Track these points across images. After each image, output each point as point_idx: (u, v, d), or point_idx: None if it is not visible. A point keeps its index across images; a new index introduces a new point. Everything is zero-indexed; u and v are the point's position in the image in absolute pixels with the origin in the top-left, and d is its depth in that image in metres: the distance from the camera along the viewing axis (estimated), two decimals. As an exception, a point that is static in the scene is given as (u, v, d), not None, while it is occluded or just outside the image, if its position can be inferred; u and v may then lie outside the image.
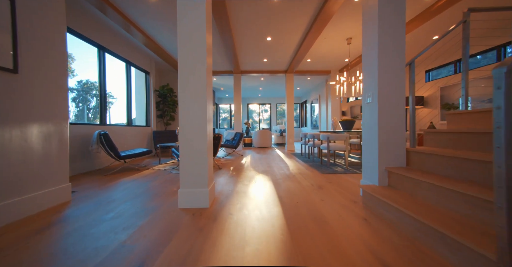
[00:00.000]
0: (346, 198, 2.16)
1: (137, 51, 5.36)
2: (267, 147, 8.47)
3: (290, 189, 2.53)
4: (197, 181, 1.93)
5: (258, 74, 7.60)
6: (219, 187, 2.65)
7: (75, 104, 4.29)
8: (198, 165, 1.93)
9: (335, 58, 6.15)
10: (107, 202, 2.07)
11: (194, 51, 1.92)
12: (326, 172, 3.48)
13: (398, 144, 1.94)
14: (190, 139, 1.92)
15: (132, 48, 5.14)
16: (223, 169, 3.90)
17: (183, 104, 1.93)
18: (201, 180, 1.93)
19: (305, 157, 5.42)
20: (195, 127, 1.93)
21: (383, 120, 1.94)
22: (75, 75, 4.27)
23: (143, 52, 5.60)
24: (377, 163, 1.95)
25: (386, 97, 1.94)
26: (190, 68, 1.92)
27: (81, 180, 3.04)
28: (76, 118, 4.46)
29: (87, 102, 4.54)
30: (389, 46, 1.94)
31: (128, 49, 4.98)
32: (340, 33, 4.57)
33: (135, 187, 2.66)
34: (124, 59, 4.87)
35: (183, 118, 1.93)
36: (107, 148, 3.41)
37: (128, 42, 4.92)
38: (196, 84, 1.93)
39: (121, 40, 4.69)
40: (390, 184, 1.93)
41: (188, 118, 1.93)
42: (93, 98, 4.50)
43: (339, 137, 3.84)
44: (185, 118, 1.93)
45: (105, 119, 4.22)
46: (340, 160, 4.81)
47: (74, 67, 4.17)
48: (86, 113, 4.47)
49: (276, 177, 3.20)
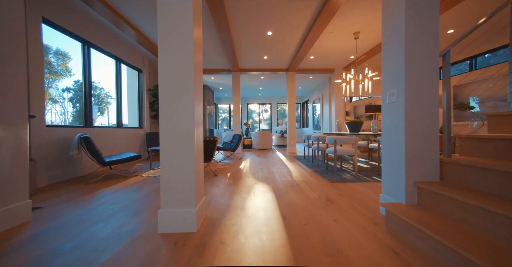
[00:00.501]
0: (364, 216, 1.79)
1: (129, 47, 5.00)
2: (268, 149, 8.11)
3: (295, 202, 2.17)
4: (183, 198, 1.57)
5: (258, 73, 7.24)
6: (213, 200, 2.29)
7: (72, 105, 4.08)
8: (183, 179, 1.57)
9: (340, 55, 5.78)
10: (75, 223, 1.71)
11: (178, 47, 1.56)
12: (333, 179, 3.12)
13: (430, 153, 1.58)
14: (172, 146, 1.56)
15: (123, 44, 4.78)
16: (219, 175, 3.54)
17: (164, 105, 1.57)
18: (187, 197, 1.57)
19: (308, 160, 5.05)
20: (180, 132, 1.56)
21: (412, 124, 1.58)
22: (72, 75, 4.00)
23: (136, 49, 5.24)
24: (403, 176, 1.59)
25: (415, 95, 1.57)
26: (172, 66, 1.56)
27: (57, 190, 2.67)
28: (74, 119, 4.28)
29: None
30: (419, 31, 1.57)
31: (118, 45, 4.62)
32: (346, 27, 4.20)
33: (116, 199, 2.30)
34: (113, 55, 4.50)
35: (164, 122, 1.56)
36: (89, 153, 3.05)
37: (118, 38, 4.56)
38: (180, 83, 1.56)
39: (110, 36, 4.32)
40: (420, 202, 1.57)
41: (170, 122, 1.56)
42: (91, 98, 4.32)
43: (347, 140, 3.47)
44: (167, 122, 1.56)
45: (90, 121, 3.86)
46: (347, 164, 4.44)
47: (71, 66, 3.89)
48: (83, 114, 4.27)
49: (278, 186, 2.84)
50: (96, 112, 4.67)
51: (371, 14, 3.73)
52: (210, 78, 8.36)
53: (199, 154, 1.71)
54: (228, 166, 4.50)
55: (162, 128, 1.56)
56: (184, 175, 1.57)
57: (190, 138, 1.57)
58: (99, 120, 4.75)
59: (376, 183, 2.95)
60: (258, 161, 5.10)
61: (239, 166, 4.43)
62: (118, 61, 4.72)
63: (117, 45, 4.57)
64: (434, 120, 1.58)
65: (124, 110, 5.09)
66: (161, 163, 1.57)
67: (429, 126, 1.58)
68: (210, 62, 6.35)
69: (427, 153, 1.58)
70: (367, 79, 4.31)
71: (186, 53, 1.56)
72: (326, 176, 3.34)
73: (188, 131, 1.57)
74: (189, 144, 1.57)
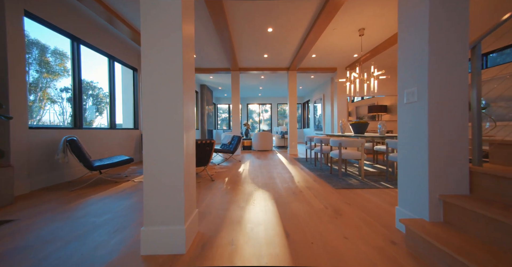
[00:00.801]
0: (378, 233, 1.57)
1: (123, 45, 4.78)
2: (268, 150, 7.89)
3: (299, 214, 1.94)
4: (169, 215, 1.34)
5: (258, 72, 7.02)
6: (207, 210, 2.06)
7: (70, 105, 3.96)
8: (170, 192, 1.34)
9: (343, 53, 5.56)
10: (45, 242, 1.48)
11: (164, 43, 1.34)
12: (339, 185, 2.89)
13: (458, 161, 1.36)
14: (157, 153, 1.34)
15: (117, 42, 4.55)
16: (216, 180, 3.31)
17: (148, 107, 1.34)
18: (175, 213, 1.34)
19: (310, 163, 4.83)
20: (166, 137, 1.34)
21: (437, 127, 1.35)
22: (70, 75, 3.83)
23: (130, 47, 5.02)
24: (426, 188, 1.36)
25: (441, 94, 1.35)
26: (156, 63, 1.34)
27: (38, 198, 2.45)
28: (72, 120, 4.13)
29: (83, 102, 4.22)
30: (446, 20, 1.35)
31: (112, 42, 4.40)
32: (351, 23, 3.98)
33: (101, 209, 2.08)
34: (105, 53, 4.28)
35: (147, 126, 1.34)
36: (76, 157, 2.83)
37: (111, 35, 4.34)
38: (166, 82, 1.34)
39: (102, 32, 4.10)
40: (447, 219, 1.35)
41: (154, 125, 1.34)
42: (89, 99, 4.39)
43: (353, 142, 3.25)
44: (150, 125, 1.34)
45: (80, 122, 3.63)
46: (352, 167, 4.22)
47: (69, 66, 3.73)
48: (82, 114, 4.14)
49: (280, 193, 2.61)
50: (95, 113, 4.51)
51: (377, 9, 3.51)
52: (209, 77, 8.14)
53: (189, 162, 1.48)
54: (226, 169, 4.28)
55: (145, 133, 1.34)
56: (171, 187, 1.34)
57: (178, 144, 1.34)
58: (98, 120, 4.56)
59: (385, 189, 2.72)
60: (258, 164, 4.88)
61: (238, 170, 4.21)
62: (111, 59, 4.49)
63: (110, 42, 4.35)
64: (462, 122, 1.36)
65: (118, 110, 4.88)
66: (144, 173, 1.34)
67: (457, 130, 1.35)
68: (208, 60, 6.13)
69: (455, 161, 1.36)
70: (373, 78, 4.08)
71: (174, 50, 1.34)
72: (330, 181, 3.12)
73: (175, 136, 1.34)
74: (177, 151, 1.34)
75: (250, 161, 5.43)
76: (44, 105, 3.47)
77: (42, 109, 3.45)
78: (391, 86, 6.96)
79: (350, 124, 4.26)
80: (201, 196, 2.54)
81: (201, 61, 6.16)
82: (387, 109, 7.12)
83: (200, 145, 3.12)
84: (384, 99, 7.16)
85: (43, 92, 3.44)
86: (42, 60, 3.38)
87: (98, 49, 4.06)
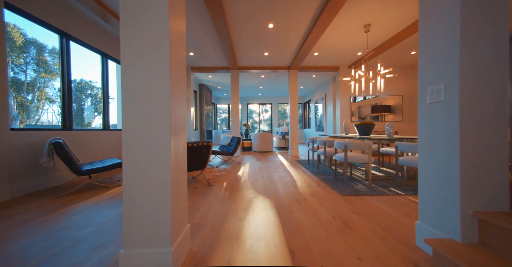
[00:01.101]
0: (398, 252, 1.36)
1: (118, 42, 4.57)
2: (268, 152, 7.68)
3: (304, 227, 1.73)
4: (154, 235, 1.14)
5: (258, 71, 6.81)
6: (202, 222, 1.85)
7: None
8: (154, 208, 1.14)
9: (347, 51, 5.35)
10: (8, 265, 1.27)
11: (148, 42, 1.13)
12: (345, 192, 2.68)
13: (496, 171, 1.15)
14: (138, 162, 1.13)
15: (110, 38, 4.35)
16: (214, 185, 3.11)
17: (128, 104, 1.14)
18: (161, 233, 1.14)
19: (313, 166, 4.62)
20: (149, 142, 1.14)
21: (470, 131, 1.15)
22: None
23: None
24: (457, 202, 1.16)
25: (476, 92, 1.14)
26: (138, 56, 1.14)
27: (19, 206, 2.24)
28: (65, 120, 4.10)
29: (81, 102, 4.31)
30: (482, 3, 1.14)
31: (105, 39, 4.19)
32: (356, 18, 3.77)
33: (84, 220, 1.87)
34: (98, 50, 4.07)
35: (127, 129, 1.14)
36: (62, 161, 2.62)
37: (104, 31, 4.14)
38: (150, 79, 1.14)
39: (94, 28, 3.90)
40: (483, 241, 1.14)
41: (135, 128, 1.13)
42: (88, 98, 4.39)
43: (360, 145, 3.04)
44: (130, 128, 1.13)
45: (70, 123, 3.43)
46: (357, 171, 4.01)
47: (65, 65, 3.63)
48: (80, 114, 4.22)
49: (282, 200, 2.41)
50: (93, 113, 4.35)
51: (385, 3, 3.30)
52: (208, 76, 7.94)
53: (179, 172, 1.27)
54: (225, 172, 4.07)
55: (125, 137, 1.13)
56: (156, 202, 1.14)
57: (164, 151, 1.14)
58: (97, 121, 4.40)
59: (396, 197, 2.51)
60: (258, 167, 4.67)
61: (237, 173, 4.00)
62: (104, 57, 4.29)
63: (103, 39, 4.14)
64: (501, 125, 1.15)
65: (115, 110, 4.68)
66: (124, 186, 1.14)
67: (494, 134, 1.14)
68: (207, 59, 5.92)
69: (492, 170, 1.15)
70: (379, 76, 3.88)
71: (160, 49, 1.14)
72: (336, 187, 2.91)
73: (161, 142, 1.14)
74: (163, 159, 1.14)
75: (250, 163, 5.22)
76: (42, 105, 3.41)
77: (40, 109, 3.40)
78: (395, 85, 6.75)
79: (355, 125, 4.05)
80: (197, 204, 2.34)
81: (198, 59, 5.96)
82: (391, 110, 6.91)
83: (196, 148, 2.91)
84: (387, 99, 6.95)
85: (41, 91, 3.37)
86: (40, 59, 3.31)
87: (89, 46, 3.86)
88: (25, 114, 3.25)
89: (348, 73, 6.40)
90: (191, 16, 3.70)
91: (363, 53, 5.44)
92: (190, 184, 3.14)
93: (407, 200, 2.38)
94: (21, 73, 3.14)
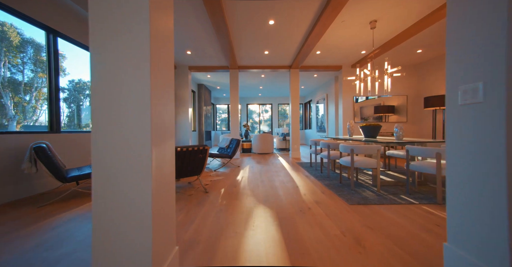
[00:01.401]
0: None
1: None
2: (269, 153, 7.47)
3: (311, 245, 1.52)
4: (131, 262, 0.93)
5: (258, 71, 6.60)
6: (196, 237, 1.64)
7: (67, 105, 4.08)
8: (131, 232, 0.93)
9: (350, 50, 5.14)
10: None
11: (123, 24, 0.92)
12: (353, 200, 2.47)
13: (550, 190, 0.93)
14: (112, 171, 0.92)
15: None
16: (211, 192, 2.89)
17: (98, 101, 0.93)
18: (140, 260, 0.93)
19: (316, 169, 4.41)
20: (125, 150, 0.93)
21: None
22: (67, 74, 3.85)
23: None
24: (504, 227, 0.94)
25: (526, 92, 0.93)
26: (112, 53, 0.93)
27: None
28: (69, 120, 4.09)
29: (80, 103, 4.35)
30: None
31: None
32: (362, 14, 3.56)
33: (61, 237, 1.66)
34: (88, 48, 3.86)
35: (96, 130, 0.93)
36: (45, 167, 2.41)
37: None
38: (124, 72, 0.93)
39: (85, 25, 3.68)
40: (537, 275, 0.92)
41: (106, 130, 0.92)
42: (86, 99, 4.44)
43: (368, 149, 2.83)
44: (100, 132, 0.92)
45: (57, 125, 3.21)
46: (363, 175, 3.79)
47: (65, 66, 3.75)
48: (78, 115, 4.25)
49: (284, 210, 2.19)
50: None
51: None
52: (207, 76, 7.73)
53: (163, 185, 1.06)
54: (223, 176, 3.86)
55: (94, 142, 0.92)
56: (133, 222, 0.93)
57: (143, 160, 0.93)
58: None
59: (409, 206, 2.30)
60: (258, 170, 4.46)
61: (236, 177, 3.79)
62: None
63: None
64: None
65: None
66: (93, 202, 0.93)
67: (551, 145, 0.93)
68: (204, 57, 5.71)
69: (545, 188, 0.93)
70: (386, 75, 3.66)
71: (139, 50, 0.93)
72: (342, 194, 2.70)
73: (139, 150, 0.93)
74: (142, 170, 0.92)
75: (250, 166, 5.01)
76: (40, 106, 3.40)
77: (38, 109, 3.40)
78: (400, 85, 6.54)
79: (360, 127, 3.84)
80: (191, 214, 2.12)
81: (196, 58, 5.75)
82: (394, 110, 6.70)
83: (192, 152, 2.70)
84: (391, 99, 6.74)
85: (39, 92, 3.35)
86: (37, 59, 3.27)
87: (79, 44, 3.64)
88: (21, 115, 3.19)
89: (351, 73, 6.20)
90: (186, 11, 3.49)
91: (367, 51, 5.23)
92: (185, 191, 2.93)
93: (422, 210, 2.17)
94: (18, 73, 3.12)
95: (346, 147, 2.99)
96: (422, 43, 4.74)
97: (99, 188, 0.93)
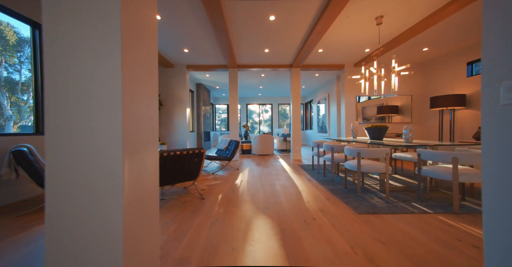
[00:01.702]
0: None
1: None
2: (269, 155, 7.27)
3: (318, 265, 1.32)
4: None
5: (258, 70, 6.41)
6: (187, 254, 1.44)
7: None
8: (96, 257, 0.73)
9: (354, 48, 4.94)
10: None
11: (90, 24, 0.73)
12: (361, 208, 2.28)
13: None
14: (69, 184, 0.73)
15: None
16: (207, 198, 2.70)
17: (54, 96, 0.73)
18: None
19: (318, 172, 4.21)
20: (89, 157, 0.73)
21: None
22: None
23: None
24: None
25: None
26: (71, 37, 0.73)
27: (-35, 230, 1.84)
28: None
29: None
30: None
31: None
32: (367, 9, 3.37)
33: (32, 257, 1.46)
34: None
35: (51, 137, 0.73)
36: (26, 173, 2.21)
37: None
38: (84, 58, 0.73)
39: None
40: None
41: (67, 133, 0.73)
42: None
43: (376, 152, 2.63)
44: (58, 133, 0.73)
45: (44, 126, 3.01)
46: (369, 179, 3.60)
47: None
48: None
49: (287, 220, 2.00)
50: None
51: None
52: (205, 75, 7.53)
53: (138, 203, 0.86)
54: (221, 180, 3.66)
55: (48, 148, 0.73)
56: (97, 253, 0.73)
57: (110, 177, 0.73)
58: None
59: (422, 215, 2.10)
60: (258, 173, 4.26)
61: (234, 181, 3.59)
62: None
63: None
64: None
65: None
66: (46, 227, 0.73)
67: None
68: (203, 56, 5.52)
69: None
70: (393, 74, 3.47)
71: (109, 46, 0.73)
72: (348, 201, 2.50)
73: (106, 162, 0.73)
74: (110, 186, 0.73)
75: (250, 168, 4.81)
76: None
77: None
78: (404, 84, 6.35)
79: (365, 128, 3.65)
80: (183, 226, 1.92)
81: (194, 57, 5.55)
82: (398, 110, 6.51)
83: (187, 156, 2.50)
84: (394, 99, 6.54)
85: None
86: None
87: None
88: (18, 115, 3.11)
89: (354, 72, 6.00)
90: (183, 8, 3.29)
91: (371, 49, 5.03)
92: (180, 197, 2.74)
93: (438, 221, 1.97)
94: (15, 73, 3.07)
95: (352, 150, 2.80)
96: (429, 41, 4.54)
97: (55, 207, 0.74)
